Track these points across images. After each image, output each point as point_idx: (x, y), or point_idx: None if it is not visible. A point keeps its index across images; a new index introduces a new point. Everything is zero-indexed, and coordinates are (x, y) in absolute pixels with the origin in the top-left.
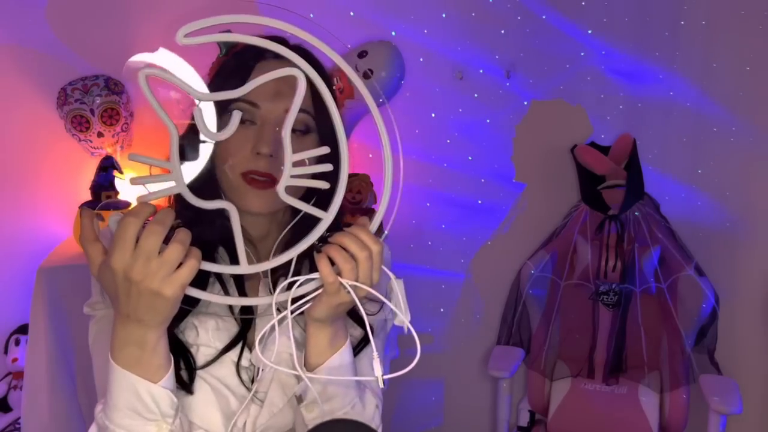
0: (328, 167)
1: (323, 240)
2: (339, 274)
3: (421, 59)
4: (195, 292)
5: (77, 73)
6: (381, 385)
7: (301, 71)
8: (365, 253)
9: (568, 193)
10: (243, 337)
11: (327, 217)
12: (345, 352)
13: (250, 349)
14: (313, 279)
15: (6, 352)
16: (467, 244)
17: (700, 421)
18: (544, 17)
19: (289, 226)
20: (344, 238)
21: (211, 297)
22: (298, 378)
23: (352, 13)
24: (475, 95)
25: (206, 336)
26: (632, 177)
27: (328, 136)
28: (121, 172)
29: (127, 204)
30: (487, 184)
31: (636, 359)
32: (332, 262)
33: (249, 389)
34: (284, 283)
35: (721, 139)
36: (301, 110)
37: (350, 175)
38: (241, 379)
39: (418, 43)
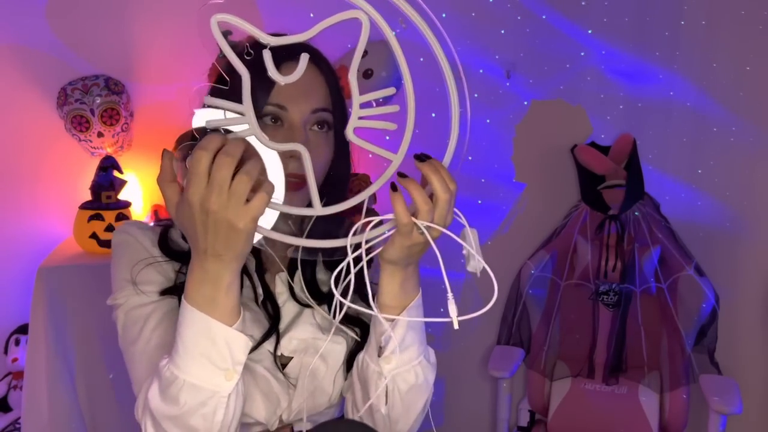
0: (395, 108)
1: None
2: (413, 214)
3: (422, 59)
4: (273, 234)
5: (77, 73)
6: (456, 326)
7: (363, 13)
8: (447, 196)
9: (568, 193)
10: (275, 328)
11: (396, 159)
12: (419, 301)
13: (279, 339)
14: (388, 219)
15: (6, 352)
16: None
17: (700, 421)
18: (544, 17)
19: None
20: (432, 174)
21: (290, 239)
22: (325, 363)
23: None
24: (476, 95)
25: (243, 325)
26: (632, 177)
27: (341, 138)
28: (121, 172)
29: (127, 204)
30: (487, 184)
31: (636, 359)
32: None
33: (285, 375)
34: (358, 224)
35: (721, 139)
36: (323, 109)
37: (350, 175)
38: (278, 365)
39: (418, 43)
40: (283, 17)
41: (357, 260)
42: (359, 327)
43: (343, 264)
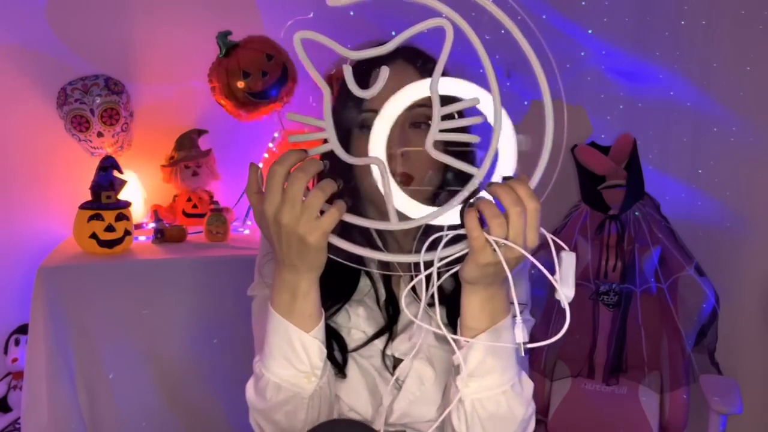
0: (478, 120)
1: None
2: (488, 231)
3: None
4: (339, 242)
5: (77, 73)
6: (522, 354)
7: (448, 21)
8: (518, 209)
9: (568, 193)
10: (391, 327)
11: (479, 174)
12: (507, 324)
13: (393, 340)
14: (463, 235)
15: (6, 352)
16: None
17: (701, 422)
18: (544, 17)
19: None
20: (499, 189)
21: (357, 249)
22: (434, 369)
23: (351, 13)
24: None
25: (357, 320)
26: (632, 177)
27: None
28: (121, 172)
29: (127, 204)
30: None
31: (636, 359)
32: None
33: (392, 375)
34: (429, 239)
35: (721, 139)
36: (420, 105)
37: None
38: (386, 365)
39: (418, 42)
40: (283, 17)
41: (442, 274)
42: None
43: (417, 279)
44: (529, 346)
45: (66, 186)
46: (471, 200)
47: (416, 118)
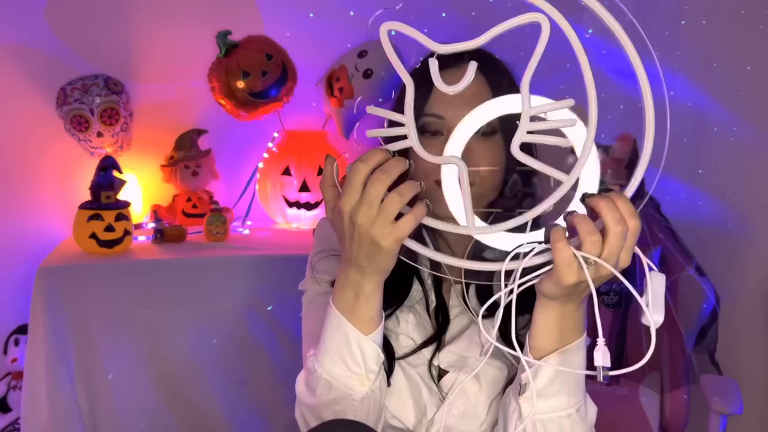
0: (571, 122)
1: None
2: (578, 247)
3: (422, 59)
4: (415, 246)
5: (77, 73)
6: (600, 379)
7: (544, 16)
8: (620, 228)
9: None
10: (439, 337)
11: (568, 181)
12: (579, 346)
13: (440, 349)
14: (545, 248)
15: (5, 352)
16: None
17: (701, 422)
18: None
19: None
20: (601, 203)
21: (436, 255)
22: (479, 384)
23: (351, 13)
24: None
25: (406, 327)
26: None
27: (509, 139)
28: (121, 172)
29: (127, 204)
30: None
31: (636, 359)
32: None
33: (438, 387)
34: (513, 250)
35: (721, 139)
36: None
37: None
38: (432, 375)
39: (418, 42)
40: (283, 17)
41: (522, 284)
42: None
43: (497, 295)
44: (612, 373)
45: (66, 186)
46: (555, 215)
47: (483, 126)
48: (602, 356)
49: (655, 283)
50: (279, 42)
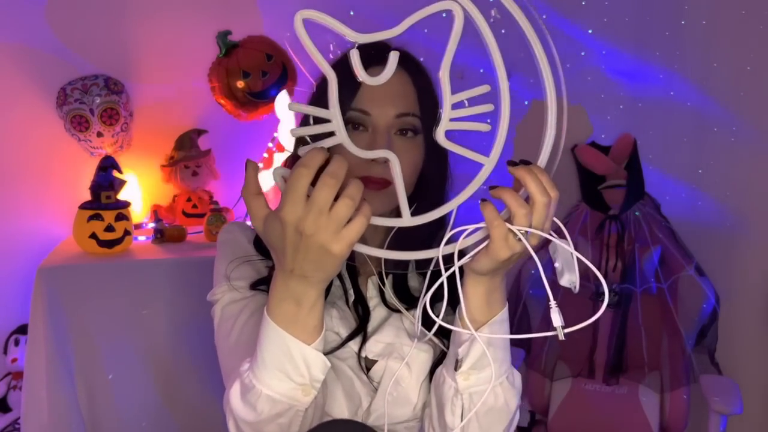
0: (489, 107)
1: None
2: (508, 220)
3: (422, 59)
4: (363, 248)
5: (77, 73)
6: (561, 337)
7: (457, 4)
8: (545, 199)
9: (568, 193)
10: (363, 328)
11: (489, 163)
12: (506, 312)
13: (366, 340)
14: (478, 228)
15: (6, 352)
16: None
17: (701, 422)
18: (544, 17)
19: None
20: (526, 175)
21: (380, 252)
22: (410, 370)
23: (352, 13)
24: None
25: (331, 322)
26: (633, 177)
27: (432, 142)
28: (121, 172)
29: (127, 204)
30: (487, 184)
31: (636, 359)
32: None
33: (368, 377)
34: (448, 235)
35: (721, 139)
36: (408, 114)
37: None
38: (361, 366)
39: (418, 42)
40: (283, 17)
41: (447, 269)
42: (447, 337)
43: (440, 280)
44: (568, 330)
45: (66, 186)
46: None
47: (404, 125)
48: (557, 316)
49: (561, 248)
50: (279, 42)
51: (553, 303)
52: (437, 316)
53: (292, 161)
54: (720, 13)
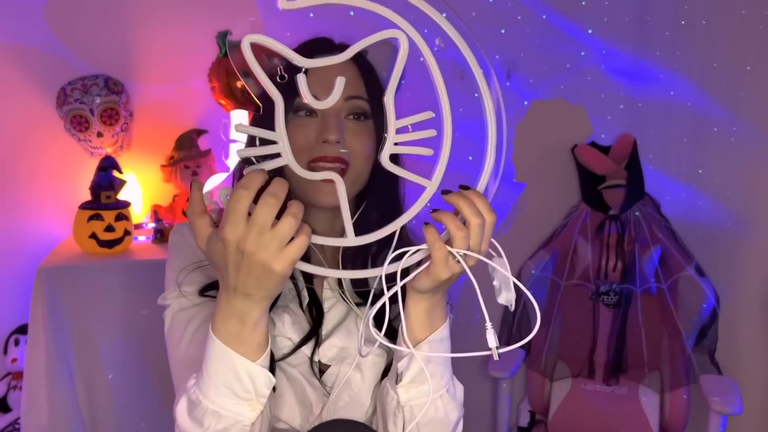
0: (431, 133)
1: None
2: (448, 242)
3: (422, 59)
4: (307, 267)
5: (77, 73)
6: (496, 358)
7: (402, 33)
8: (479, 221)
9: (568, 193)
10: (316, 332)
11: (431, 186)
12: (446, 328)
13: (319, 345)
14: (420, 249)
15: (6, 352)
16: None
17: (701, 422)
18: (544, 17)
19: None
20: (460, 200)
21: (324, 271)
22: (362, 374)
23: (351, 13)
24: (476, 95)
25: (283, 328)
26: (633, 177)
27: (381, 124)
28: (121, 172)
29: (127, 204)
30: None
31: (636, 359)
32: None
33: (321, 382)
34: (391, 255)
35: (721, 139)
36: (356, 97)
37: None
38: (314, 371)
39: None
40: (283, 17)
41: (390, 287)
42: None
43: (383, 300)
44: (502, 350)
45: (66, 186)
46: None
47: (353, 109)
48: (492, 337)
49: (499, 265)
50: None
51: (488, 324)
52: (391, 320)
53: (237, 179)
54: (720, 13)
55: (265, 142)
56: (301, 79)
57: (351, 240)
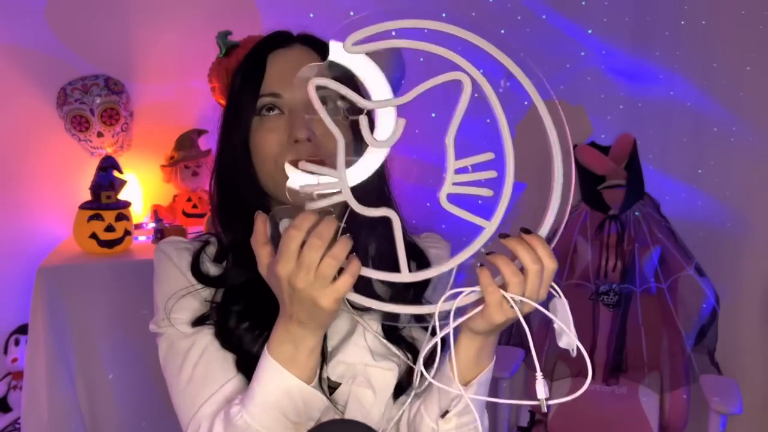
0: (492, 174)
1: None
2: (503, 286)
3: (422, 59)
4: (357, 298)
5: (77, 73)
6: (544, 409)
7: (466, 75)
8: (537, 267)
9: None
10: (323, 349)
11: (489, 227)
12: (491, 369)
13: (326, 361)
14: (474, 291)
15: (6, 352)
16: (467, 244)
17: (701, 421)
18: (544, 17)
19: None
20: (518, 246)
21: (375, 304)
22: (373, 390)
23: (352, 13)
24: (476, 95)
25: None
26: (632, 177)
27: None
28: (121, 172)
29: (127, 204)
30: (487, 184)
31: (636, 359)
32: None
33: (331, 401)
34: (447, 293)
35: (721, 139)
36: (322, 87)
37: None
38: (323, 390)
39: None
40: (283, 17)
41: (442, 325)
42: (412, 352)
43: (434, 340)
44: (552, 402)
45: (66, 186)
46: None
47: (331, 105)
48: (542, 388)
49: (560, 308)
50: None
51: (539, 374)
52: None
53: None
54: (720, 13)
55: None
56: (363, 121)
57: (405, 276)
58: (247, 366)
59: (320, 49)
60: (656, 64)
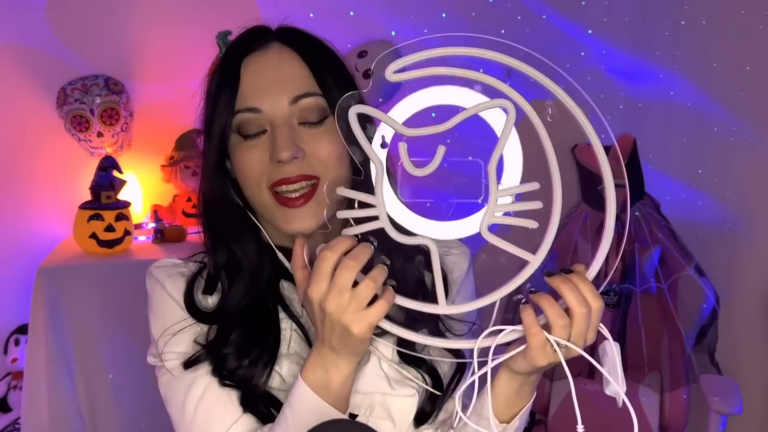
0: (537, 205)
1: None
2: (546, 327)
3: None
4: (388, 325)
5: (77, 73)
6: None
7: (510, 102)
8: (584, 310)
9: (568, 193)
10: None
11: (534, 261)
12: (530, 406)
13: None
14: (515, 330)
15: (6, 352)
16: (467, 243)
17: (701, 422)
18: (544, 17)
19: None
20: (563, 285)
21: (411, 336)
22: (392, 421)
23: (352, 13)
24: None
25: (293, 381)
26: (632, 177)
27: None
28: (121, 172)
29: (127, 204)
30: (487, 184)
31: (636, 359)
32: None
33: None
34: (488, 330)
35: (721, 139)
36: (307, 94)
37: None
38: None
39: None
40: (283, 17)
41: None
42: (431, 375)
43: (473, 377)
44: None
45: (66, 186)
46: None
47: (305, 109)
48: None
49: (609, 353)
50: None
51: (581, 428)
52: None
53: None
54: (719, 13)
55: (362, 204)
56: (402, 149)
57: (441, 308)
58: (252, 402)
59: (300, 46)
60: (656, 64)
